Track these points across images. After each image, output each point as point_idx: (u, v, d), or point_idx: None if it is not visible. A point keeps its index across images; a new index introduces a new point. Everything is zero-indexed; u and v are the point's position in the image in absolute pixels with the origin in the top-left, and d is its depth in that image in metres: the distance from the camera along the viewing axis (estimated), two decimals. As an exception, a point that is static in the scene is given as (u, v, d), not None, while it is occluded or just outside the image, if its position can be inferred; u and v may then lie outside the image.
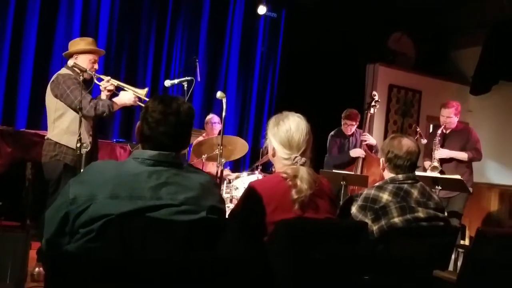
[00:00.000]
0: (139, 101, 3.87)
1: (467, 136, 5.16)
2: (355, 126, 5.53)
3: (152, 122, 1.76)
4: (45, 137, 3.84)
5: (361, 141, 5.33)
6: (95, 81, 3.85)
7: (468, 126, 5.27)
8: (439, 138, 5.14)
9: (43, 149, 3.79)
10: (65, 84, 3.64)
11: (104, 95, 3.83)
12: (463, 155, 5.06)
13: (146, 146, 1.78)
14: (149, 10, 6.65)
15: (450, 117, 5.14)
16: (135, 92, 3.88)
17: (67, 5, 6.05)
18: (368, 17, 7.32)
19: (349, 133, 5.57)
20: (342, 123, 5.58)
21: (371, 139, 5.32)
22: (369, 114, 5.31)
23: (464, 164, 5.16)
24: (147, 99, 3.88)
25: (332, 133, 5.74)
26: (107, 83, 3.81)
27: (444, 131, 5.22)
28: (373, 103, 5.28)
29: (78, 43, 3.88)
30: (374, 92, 5.37)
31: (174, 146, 1.78)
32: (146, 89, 3.93)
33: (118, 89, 3.93)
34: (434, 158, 5.08)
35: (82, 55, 3.80)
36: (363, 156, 5.21)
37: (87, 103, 3.62)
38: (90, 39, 4.00)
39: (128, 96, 3.85)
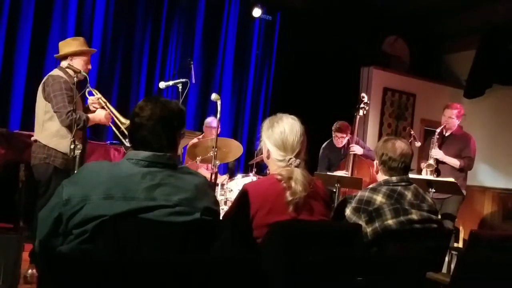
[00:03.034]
0: (118, 132, 3.96)
1: (466, 143, 5.16)
2: (347, 138, 5.48)
3: (140, 123, 1.76)
4: (32, 138, 3.83)
5: (350, 152, 5.29)
6: (86, 94, 3.93)
7: (469, 134, 5.27)
8: (438, 137, 5.15)
9: (32, 151, 3.78)
10: (53, 87, 3.66)
11: (90, 108, 3.94)
12: (455, 162, 5.07)
13: (136, 147, 1.78)
14: (144, 12, 6.64)
15: (451, 118, 5.16)
16: (117, 117, 3.93)
17: (62, 6, 6.03)
18: (363, 21, 7.35)
19: (340, 146, 5.53)
20: (333, 135, 5.55)
21: (357, 150, 5.29)
22: (358, 117, 5.30)
23: (458, 171, 5.18)
24: (125, 131, 3.95)
25: (323, 145, 5.71)
26: (96, 100, 3.92)
27: (444, 132, 5.24)
28: (361, 105, 5.27)
29: (71, 44, 3.87)
30: (363, 94, 5.37)
31: (165, 147, 1.77)
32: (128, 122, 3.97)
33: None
34: (431, 157, 5.10)
35: (77, 57, 3.81)
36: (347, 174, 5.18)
37: (65, 113, 3.63)
38: (81, 39, 4.00)
39: (103, 115, 3.92)
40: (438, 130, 5.19)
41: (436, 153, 5.08)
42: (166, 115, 1.78)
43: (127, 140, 4.00)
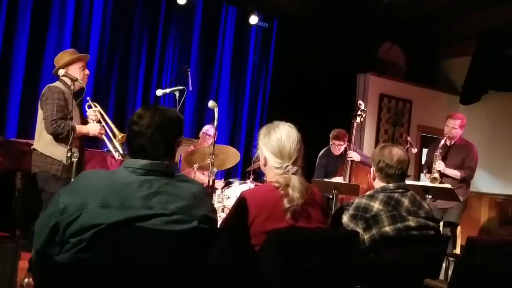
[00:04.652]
0: (111, 145, 4.01)
1: (468, 152, 5.19)
2: (344, 146, 5.48)
3: (139, 132, 1.76)
4: (32, 147, 3.88)
5: (347, 158, 5.30)
6: (86, 107, 3.97)
7: (471, 143, 5.28)
8: (441, 150, 5.13)
9: (32, 160, 3.84)
10: (45, 96, 3.74)
11: (90, 120, 3.97)
12: (456, 174, 5.09)
13: (134, 155, 1.78)
14: (141, 19, 6.66)
15: (454, 128, 5.16)
16: (113, 131, 3.98)
17: (59, 13, 6.04)
18: (359, 28, 7.38)
19: (338, 153, 5.53)
20: (330, 143, 5.55)
21: (355, 156, 5.30)
22: (355, 124, 5.31)
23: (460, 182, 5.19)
24: (119, 148, 3.96)
25: (320, 153, 5.71)
26: (93, 113, 3.96)
27: (447, 142, 5.23)
28: (359, 112, 5.28)
29: (63, 57, 3.94)
30: (360, 102, 5.37)
31: (163, 155, 1.77)
32: (124, 135, 3.99)
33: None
34: (434, 169, 5.09)
35: (70, 66, 3.85)
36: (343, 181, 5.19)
37: (49, 121, 3.67)
38: (71, 50, 4.10)
39: (93, 128, 3.94)
40: (442, 143, 5.16)
41: (439, 165, 5.08)
42: (165, 123, 1.77)
43: (117, 153, 4.04)
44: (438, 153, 5.12)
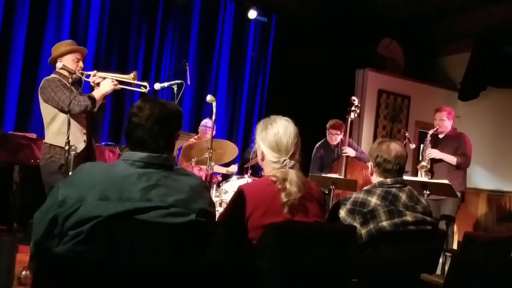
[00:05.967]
0: (131, 86, 3.93)
1: (460, 141, 5.26)
2: (340, 136, 5.52)
3: (138, 123, 1.75)
4: (43, 141, 3.86)
5: (342, 154, 5.32)
6: (84, 78, 3.85)
7: (462, 133, 5.40)
8: (430, 138, 5.28)
9: (41, 153, 3.82)
10: (50, 87, 3.69)
11: (96, 87, 3.88)
12: (451, 159, 5.15)
13: (133, 147, 1.78)
14: (139, 13, 6.64)
15: (442, 120, 5.29)
16: (122, 78, 3.90)
17: (57, 9, 6.02)
18: (358, 23, 7.37)
19: (334, 143, 5.56)
20: (327, 133, 5.59)
21: (350, 152, 5.32)
22: (349, 119, 5.32)
23: (456, 169, 5.22)
24: (138, 82, 3.90)
25: (317, 144, 5.74)
26: (94, 78, 3.86)
27: (438, 135, 5.33)
28: (352, 108, 5.30)
29: (59, 48, 3.90)
30: (354, 98, 5.39)
31: (162, 148, 1.77)
32: (134, 73, 3.94)
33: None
34: (425, 158, 5.17)
35: (65, 57, 3.82)
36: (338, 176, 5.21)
37: (70, 101, 3.61)
38: (69, 41, 4.03)
39: (106, 84, 3.85)
40: (430, 132, 5.31)
41: (431, 152, 5.16)
42: (164, 116, 1.77)
43: (142, 87, 3.93)
44: (428, 142, 5.24)
